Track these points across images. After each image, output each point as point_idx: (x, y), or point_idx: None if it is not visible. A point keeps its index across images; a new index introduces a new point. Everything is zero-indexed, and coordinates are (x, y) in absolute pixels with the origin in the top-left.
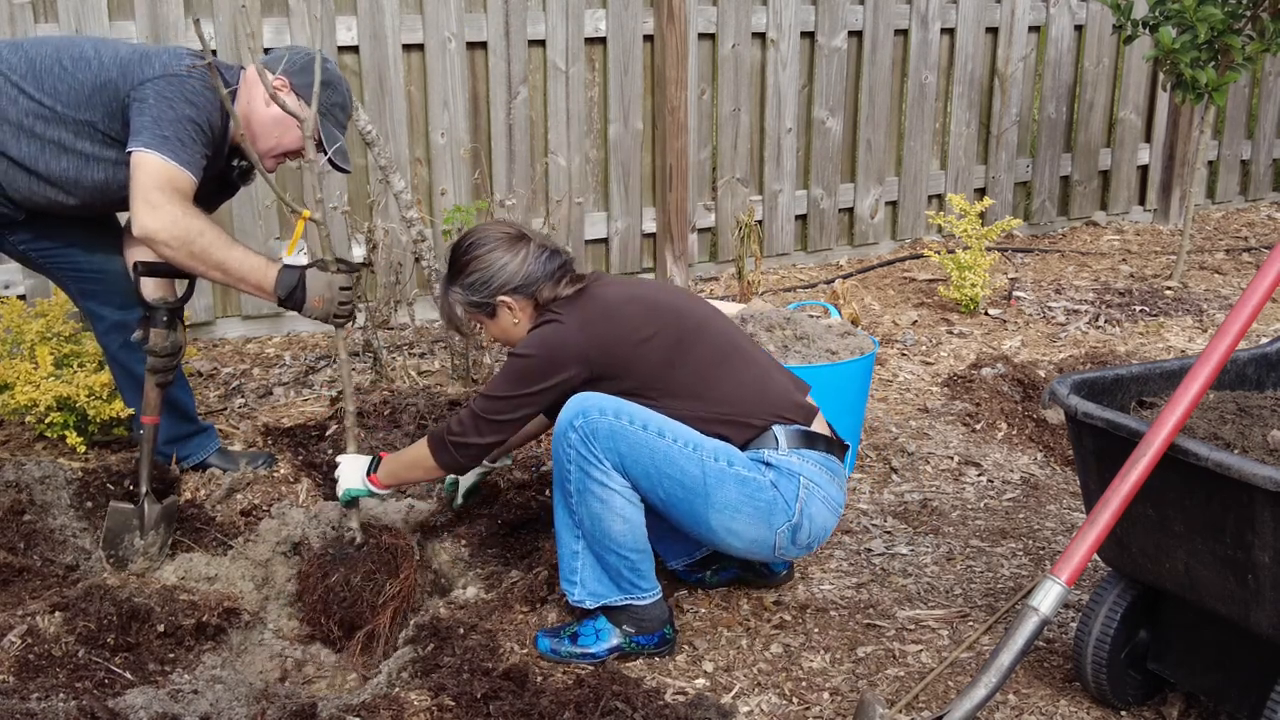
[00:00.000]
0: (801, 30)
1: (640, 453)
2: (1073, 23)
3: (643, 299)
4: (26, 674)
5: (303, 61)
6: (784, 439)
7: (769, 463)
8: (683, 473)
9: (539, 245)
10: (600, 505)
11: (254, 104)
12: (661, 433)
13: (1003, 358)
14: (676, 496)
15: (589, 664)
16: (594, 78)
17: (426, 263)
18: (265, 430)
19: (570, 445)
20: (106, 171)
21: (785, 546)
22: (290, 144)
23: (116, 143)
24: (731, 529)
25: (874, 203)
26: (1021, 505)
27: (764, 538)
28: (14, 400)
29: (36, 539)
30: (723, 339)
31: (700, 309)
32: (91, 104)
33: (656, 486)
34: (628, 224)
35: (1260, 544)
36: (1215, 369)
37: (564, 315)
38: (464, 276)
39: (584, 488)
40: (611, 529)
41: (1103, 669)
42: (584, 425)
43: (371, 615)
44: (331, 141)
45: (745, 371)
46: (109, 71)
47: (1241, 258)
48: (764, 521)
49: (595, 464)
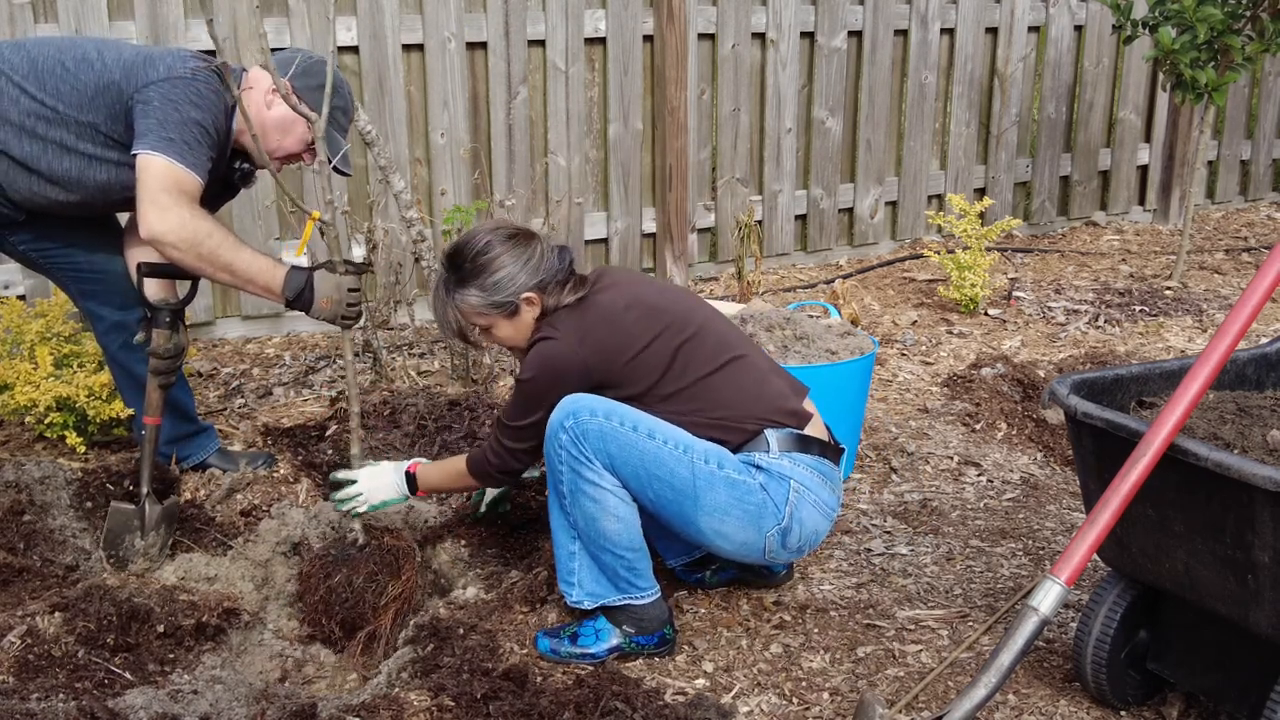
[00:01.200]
0: (801, 30)
1: (630, 454)
2: (1072, 23)
3: (643, 303)
4: (26, 674)
5: (305, 64)
6: (775, 443)
7: (759, 466)
8: (672, 474)
9: (542, 239)
10: (593, 505)
11: (256, 106)
12: (652, 434)
13: (1002, 358)
14: (666, 498)
15: (589, 664)
16: (594, 78)
17: (426, 263)
18: (265, 430)
19: (561, 446)
20: (109, 172)
21: (776, 550)
22: (292, 146)
23: (118, 144)
24: (720, 531)
25: (874, 203)
26: (1021, 505)
27: (753, 541)
28: (13, 400)
29: (36, 539)
30: (721, 344)
31: (700, 312)
32: (94, 105)
33: (646, 488)
34: (627, 224)
35: (1260, 544)
36: (1215, 369)
37: (561, 330)
38: (484, 277)
39: (576, 488)
40: (606, 529)
41: (1102, 669)
42: (574, 426)
43: (373, 616)
44: (333, 144)
45: (743, 376)
46: (112, 73)
47: (1241, 258)
48: (753, 525)
49: (586, 464)
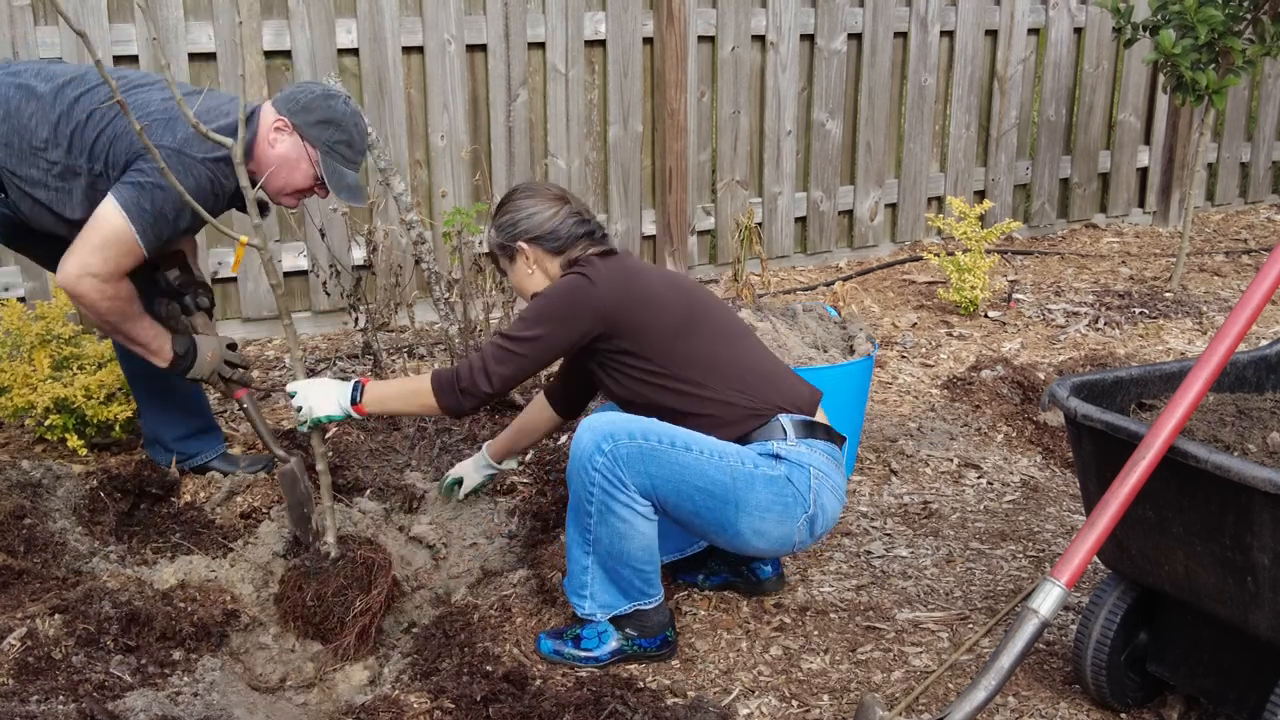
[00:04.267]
0: (801, 33)
1: (670, 470)
2: (1072, 25)
3: (664, 273)
4: (26, 677)
5: (306, 99)
6: (791, 429)
7: (779, 455)
8: (713, 483)
9: (574, 210)
10: (623, 525)
11: (261, 146)
12: (688, 446)
13: (1002, 360)
14: (707, 507)
15: (591, 666)
16: (593, 80)
17: (426, 265)
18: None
19: (595, 469)
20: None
21: (804, 538)
22: (300, 182)
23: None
24: (760, 530)
25: (873, 205)
26: (1021, 507)
27: (788, 534)
28: (11, 403)
29: (36, 541)
30: (734, 323)
31: (714, 297)
32: (99, 155)
33: (687, 500)
34: (627, 226)
35: (1259, 546)
36: (1215, 371)
37: (589, 270)
38: (499, 215)
39: (607, 509)
40: (630, 547)
41: (1102, 671)
42: (612, 450)
43: (340, 632)
44: (335, 177)
45: (759, 354)
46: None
47: (1241, 260)
48: (789, 517)
49: (621, 489)
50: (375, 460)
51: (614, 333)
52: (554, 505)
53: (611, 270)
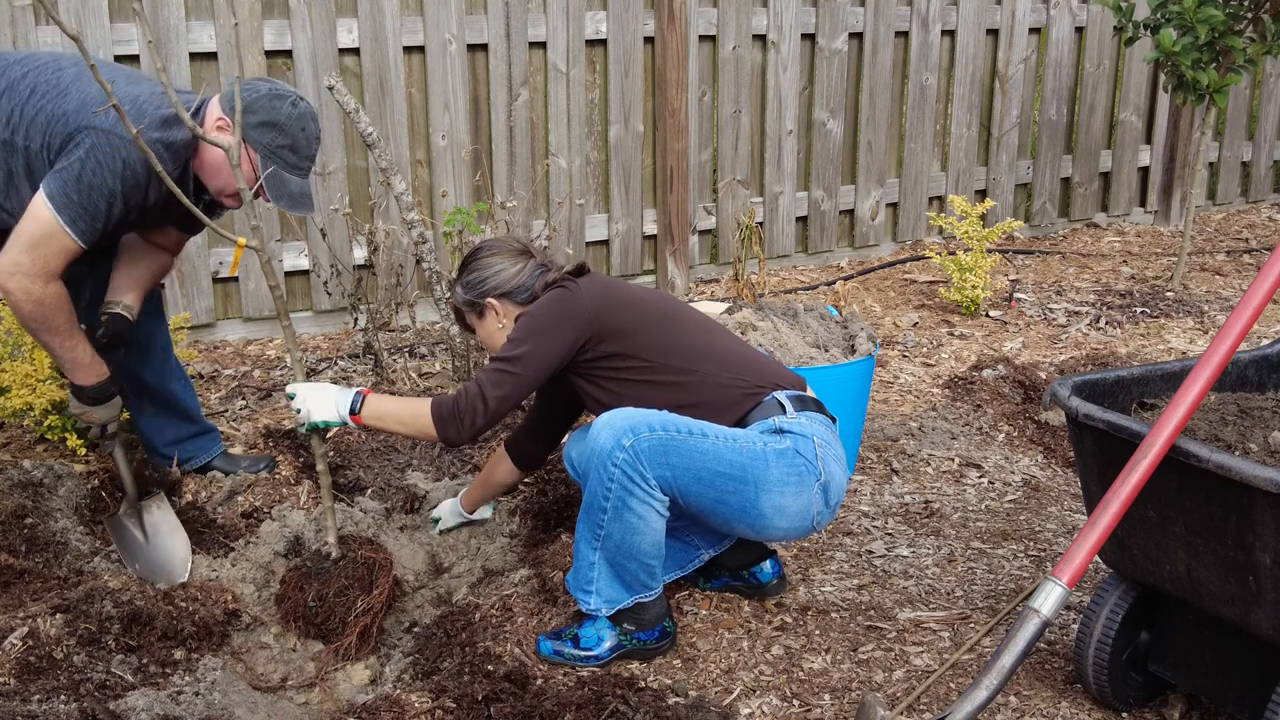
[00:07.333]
0: (802, 32)
1: (690, 459)
2: (1073, 25)
3: (635, 284)
4: (27, 676)
5: (249, 99)
6: (789, 404)
7: (782, 429)
8: (730, 465)
9: (539, 264)
10: (638, 521)
11: (202, 143)
12: (704, 433)
13: (1004, 359)
14: (728, 490)
15: (593, 666)
16: (594, 80)
17: (427, 265)
18: (266, 432)
19: (615, 465)
20: None
21: (820, 509)
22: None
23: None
24: (780, 506)
25: (875, 204)
26: (1022, 507)
27: (806, 505)
28: (10, 404)
29: (38, 541)
30: (709, 320)
31: (682, 302)
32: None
33: (708, 488)
34: (628, 226)
35: (1261, 546)
36: (1216, 371)
37: (568, 283)
38: (466, 274)
39: (624, 505)
40: (642, 543)
41: (1104, 671)
42: (634, 445)
43: (341, 631)
44: (275, 184)
45: (738, 344)
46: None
47: (1242, 259)
48: (805, 488)
49: (640, 483)
50: (376, 460)
51: (601, 336)
52: (555, 505)
53: (588, 280)
